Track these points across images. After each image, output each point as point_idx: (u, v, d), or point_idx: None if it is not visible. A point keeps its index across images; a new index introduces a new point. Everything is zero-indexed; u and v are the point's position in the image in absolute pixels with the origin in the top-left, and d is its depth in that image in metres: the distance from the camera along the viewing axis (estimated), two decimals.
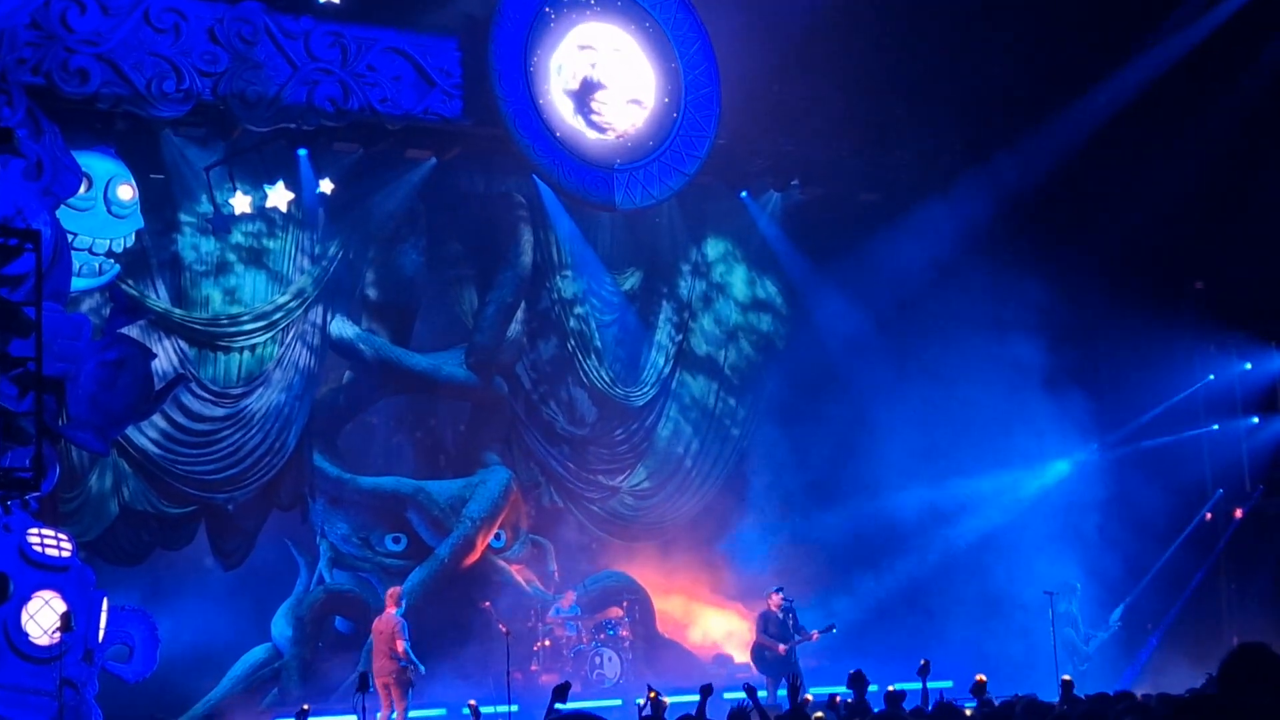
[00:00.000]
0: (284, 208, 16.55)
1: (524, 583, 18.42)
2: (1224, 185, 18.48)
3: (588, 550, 19.55)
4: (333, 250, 17.39)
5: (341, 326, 17.78)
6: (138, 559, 16.63)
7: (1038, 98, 18.59)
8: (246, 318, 16.85)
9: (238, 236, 16.88)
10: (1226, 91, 18.21)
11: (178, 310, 16.53)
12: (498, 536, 18.45)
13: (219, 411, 16.70)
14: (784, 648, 16.46)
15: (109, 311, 14.85)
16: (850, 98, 18.27)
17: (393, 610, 15.44)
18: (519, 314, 18.96)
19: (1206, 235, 18.91)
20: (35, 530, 12.69)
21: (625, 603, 18.71)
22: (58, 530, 13.06)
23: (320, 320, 17.47)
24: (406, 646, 15.12)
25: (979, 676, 11.21)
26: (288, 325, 17.10)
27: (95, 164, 14.89)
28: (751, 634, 17.19)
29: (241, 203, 16.19)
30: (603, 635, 17.78)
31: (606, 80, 16.82)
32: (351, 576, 17.81)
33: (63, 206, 13.70)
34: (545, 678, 16.69)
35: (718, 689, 13.37)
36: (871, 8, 17.70)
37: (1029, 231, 18.85)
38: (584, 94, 16.70)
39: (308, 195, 16.83)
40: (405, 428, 19.24)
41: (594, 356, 19.27)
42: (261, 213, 16.68)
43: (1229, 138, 18.04)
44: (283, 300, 17.04)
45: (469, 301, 18.97)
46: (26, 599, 12.39)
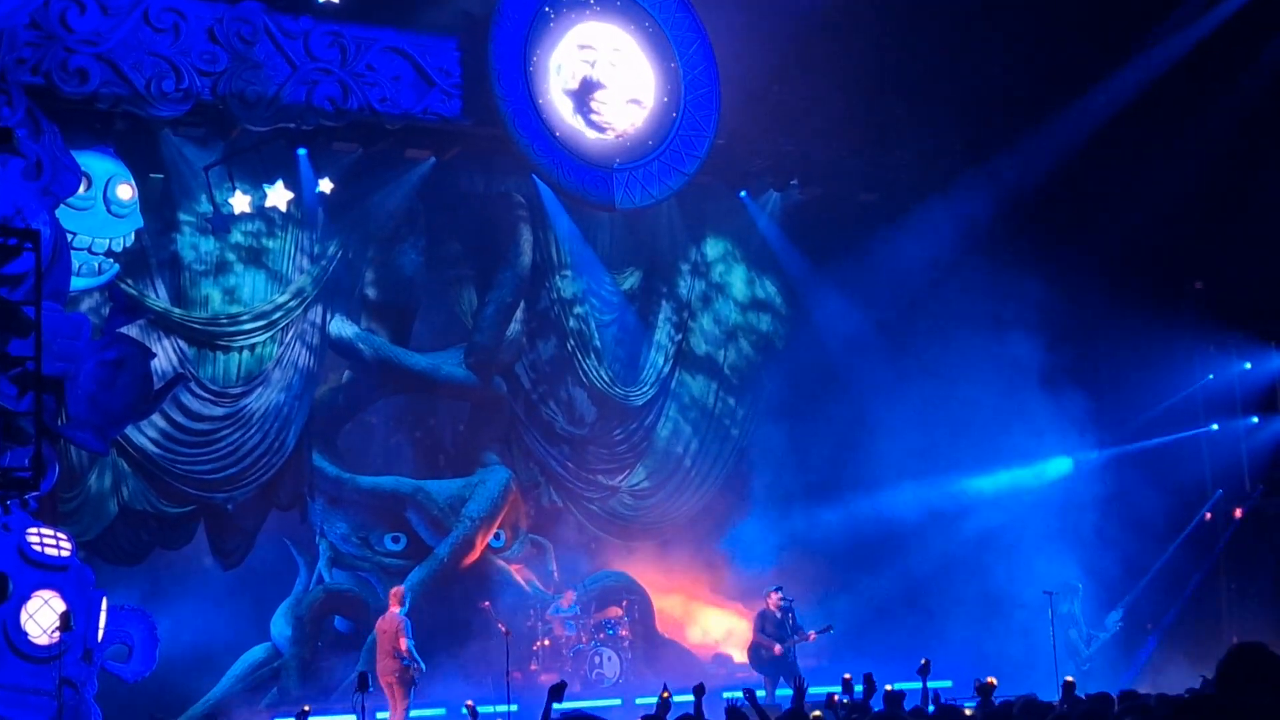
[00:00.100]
0: (283, 207, 16.54)
1: (523, 582, 18.42)
2: (1224, 185, 18.47)
3: (587, 550, 19.55)
4: (332, 250, 17.39)
5: (341, 326, 17.78)
6: (137, 558, 16.64)
7: (1038, 98, 18.58)
8: (246, 317, 16.85)
9: (237, 236, 16.88)
10: (1226, 91, 18.20)
11: (177, 310, 16.53)
12: (497, 536, 18.45)
13: (218, 411, 16.70)
14: (780, 648, 16.45)
15: (108, 311, 14.85)
16: (850, 98, 18.25)
17: (396, 609, 15.43)
18: (518, 314, 18.95)
19: (1206, 235, 18.90)
20: (34, 530, 12.67)
21: (625, 602, 18.71)
22: (57, 530, 13.04)
23: (319, 320, 17.47)
24: (410, 644, 15.12)
25: (989, 679, 11.14)
26: (287, 325, 17.10)
27: (94, 163, 14.88)
28: (750, 633, 17.19)
29: (241, 202, 16.18)
30: (602, 635, 17.78)
31: (606, 80, 16.81)
32: (351, 576, 17.80)
33: (62, 206, 13.68)
34: (544, 677, 16.67)
35: (718, 688, 13.41)
36: (871, 8, 17.70)
37: (1029, 231, 18.83)
38: (583, 94, 16.69)
39: (307, 195, 16.83)
40: (404, 427, 19.23)
41: (593, 356, 19.26)
42: (261, 212, 16.68)
43: (1229, 138, 18.02)
44: (282, 300, 17.04)
45: (468, 301, 18.97)
46: (26, 598, 12.37)
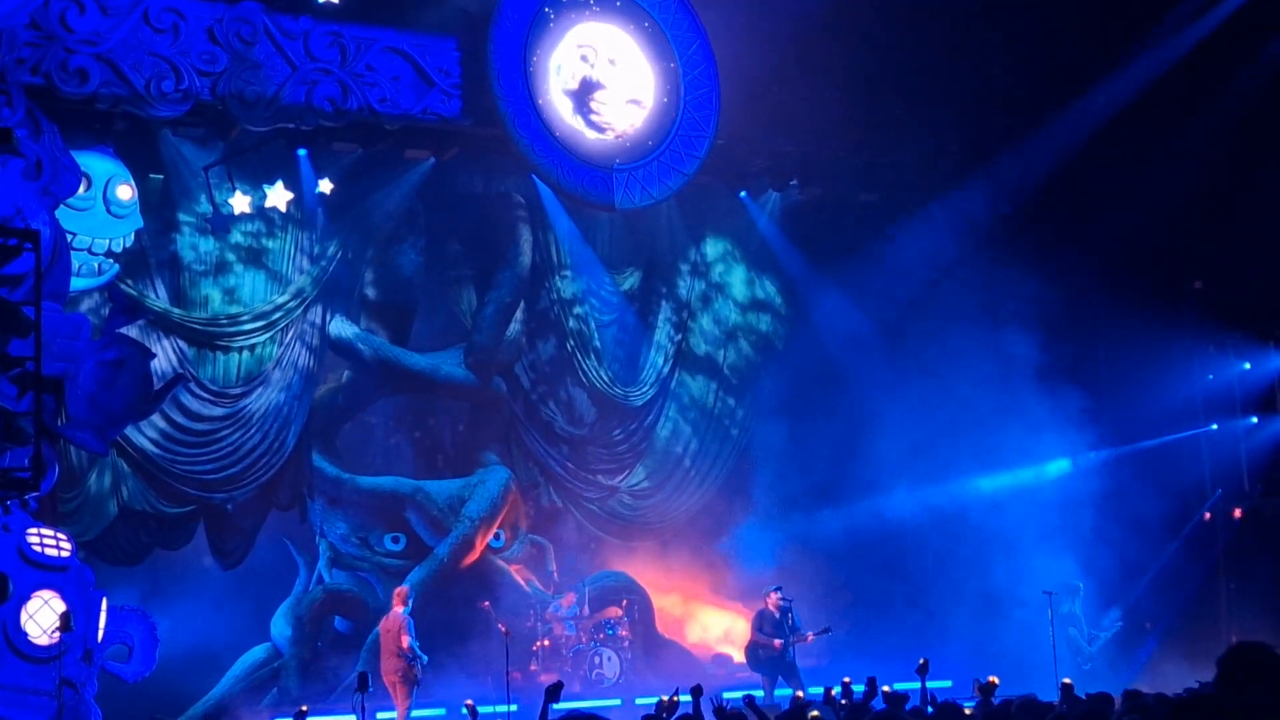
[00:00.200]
0: (283, 207, 16.54)
1: (523, 582, 18.42)
2: (1224, 185, 18.47)
3: (587, 550, 19.54)
4: (332, 250, 17.39)
5: (340, 326, 17.78)
6: (137, 559, 16.63)
7: (1038, 98, 18.57)
8: (246, 317, 16.85)
9: (237, 236, 16.88)
10: (1226, 91, 18.20)
11: (177, 310, 16.53)
12: (497, 536, 18.45)
13: (218, 411, 16.70)
14: (779, 643, 16.45)
15: (108, 311, 14.84)
16: (850, 98, 18.24)
17: (399, 609, 15.48)
18: (518, 314, 18.95)
19: (1206, 235, 18.91)
20: (34, 530, 12.68)
21: (624, 602, 18.70)
22: (57, 530, 13.04)
23: (319, 320, 17.47)
24: (412, 642, 15.15)
25: (991, 679, 11.15)
26: (287, 325, 17.10)
27: (94, 164, 14.88)
28: (750, 634, 17.18)
29: (240, 202, 16.17)
30: (602, 635, 17.77)
31: (605, 80, 16.80)
32: (351, 576, 17.80)
33: (62, 206, 13.69)
34: (544, 677, 16.64)
35: (718, 688, 13.38)
36: (871, 8, 17.69)
37: (1029, 231, 18.83)
38: (583, 94, 16.68)
39: (307, 195, 16.83)
40: (404, 427, 19.23)
41: (593, 356, 19.26)
42: (260, 212, 16.67)
43: (1229, 138, 18.02)
44: (282, 300, 17.04)
45: (468, 301, 18.96)
46: (26, 599, 12.38)
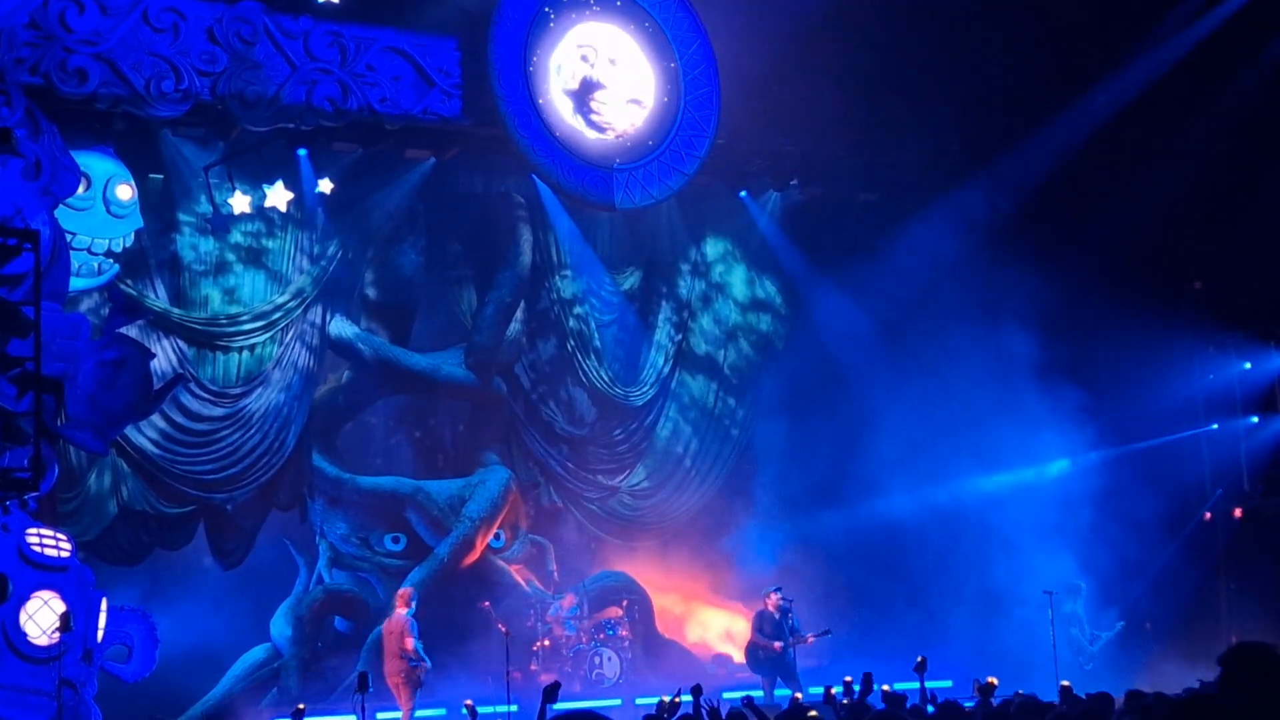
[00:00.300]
0: (283, 207, 16.53)
1: (523, 582, 18.41)
2: (1224, 185, 18.48)
3: (587, 550, 19.53)
4: (332, 250, 17.38)
5: (340, 326, 17.77)
6: (137, 559, 16.62)
7: (1038, 98, 18.57)
8: (245, 317, 16.85)
9: (237, 236, 16.87)
10: (1226, 91, 18.19)
11: (176, 310, 16.52)
12: (497, 536, 18.44)
13: (218, 411, 16.69)
14: (780, 645, 16.45)
15: (108, 311, 14.84)
16: (850, 97, 18.25)
17: (403, 610, 15.51)
18: (518, 314, 18.94)
19: (1206, 235, 18.90)
20: (34, 530, 12.67)
21: (625, 602, 18.69)
22: (56, 530, 13.04)
23: (319, 320, 17.46)
24: (416, 644, 15.17)
25: (990, 679, 11.16)
26: (287, 325, 17.09)
27: (94, 164, 14.87)
28: (750, 634, 17.18)
29: (240, 202, 16.16)
30: (602, 635, 17.76)
31: (606, 80, 16.80)
32: (351, 576, 17.79)
33: (61, 206, 13.68)
34: (544, 677, 16.63)
35: (718, 688, 13.40)
36: (871, 8, 17.72)
37: (1029, 231, 18.83)
38: (583, 94, 16.68)
39: (307, 195, 16.82)
40: (404, 428, 19.23)
41: (593, 356, 19.26)
42: (260, 212, 16.66)
43: (1229, 138, 18.02)
44: (282, 300, 17.03)
45: (468, 301, 18.96)
46: (25, 599, 12.37)
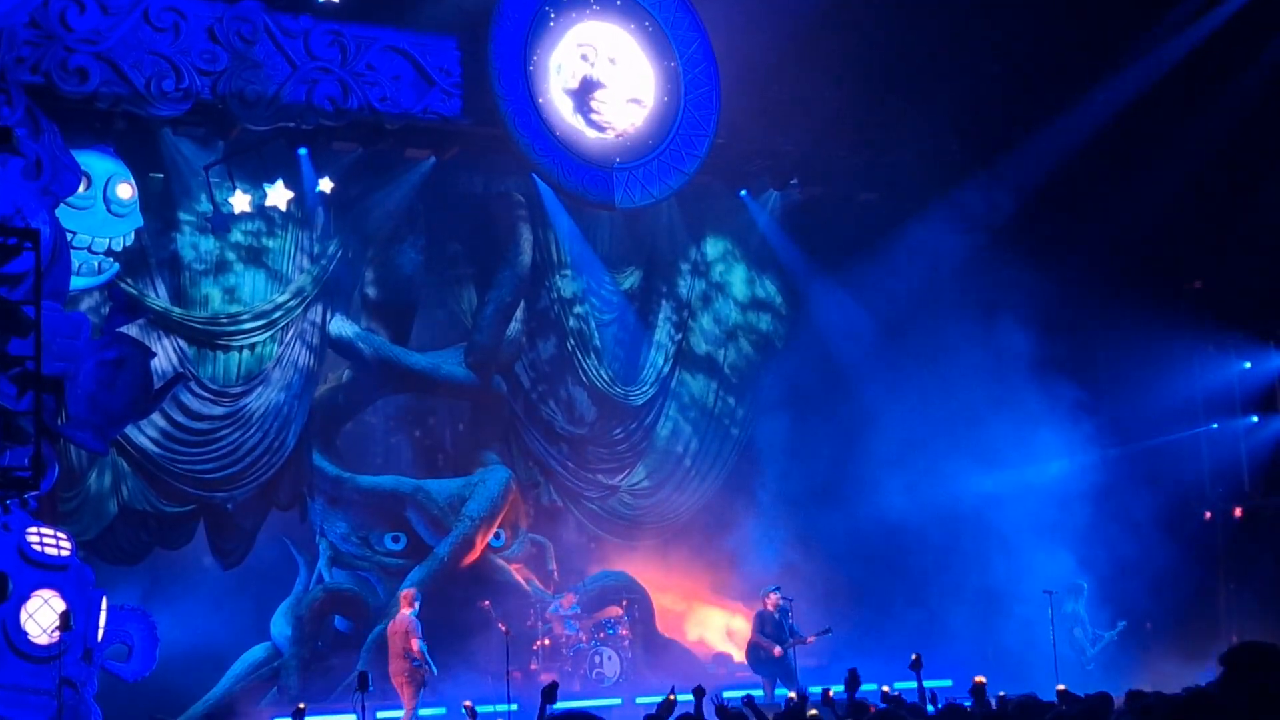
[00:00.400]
0: (283, 207, 16.54)
1: (523, 582, 18.41)
2: (1223, 185, 18.49)
3: (587, 549, 19.55)
4: (332, 249, 17.38)
5: (341, 325, 17.77)
6: (137, 558, 16.62)
7: (1038, 98, 18.58)
8: (246, 317, 16.85)
9: (237, 235, 16.87)
10: (1226, 92, 18.19)
11: (177, 309, 16.52)
12: (497, 535, 18.44)
13: (218, 410, 16.69)
14: (780, 650, 16.44)
15: (108, 310, 14.85)
16: (849, 97, 18.26)
17: (407, 611, 15.55)
18: (518, 313, 18.94)
19: (1206, 235, 18.91)
20: (34, 529, 12.68)
21: (625, 602, 18.68)
22: (57, 529, 13.05)
23: (319, 319, 17.46)
24: (421, 645, 15.20)
25: (977, 678, 11.19)
26: (287, 324, 17.09)
27: (94, 163, 14.87)
28: (750, 633, 17.17)
29: (241, 202, 16.17)
30: (602, 634, 17.76)
31: (606, 79, 16.81)
32: (351, 575, 17.79)
33: (62, 205, 13.69)
34: (544, 676, 16.64)
35: (718, 688, 13.38)
36: (871, 7, 17.72)
37: (1029, 231, 18.83)
38: (583, 93, 16.69)
39: (307, 194, 16.82)
40: (404, 427, 19.24)
41: (593, 355, 19.26)
42: (261, 212, 16.66)
43: (1229, 138, 18.03)
44: (282, 299, 17.03)
45: (468, 301, 18.97)
46: (26, 598, 12.38)
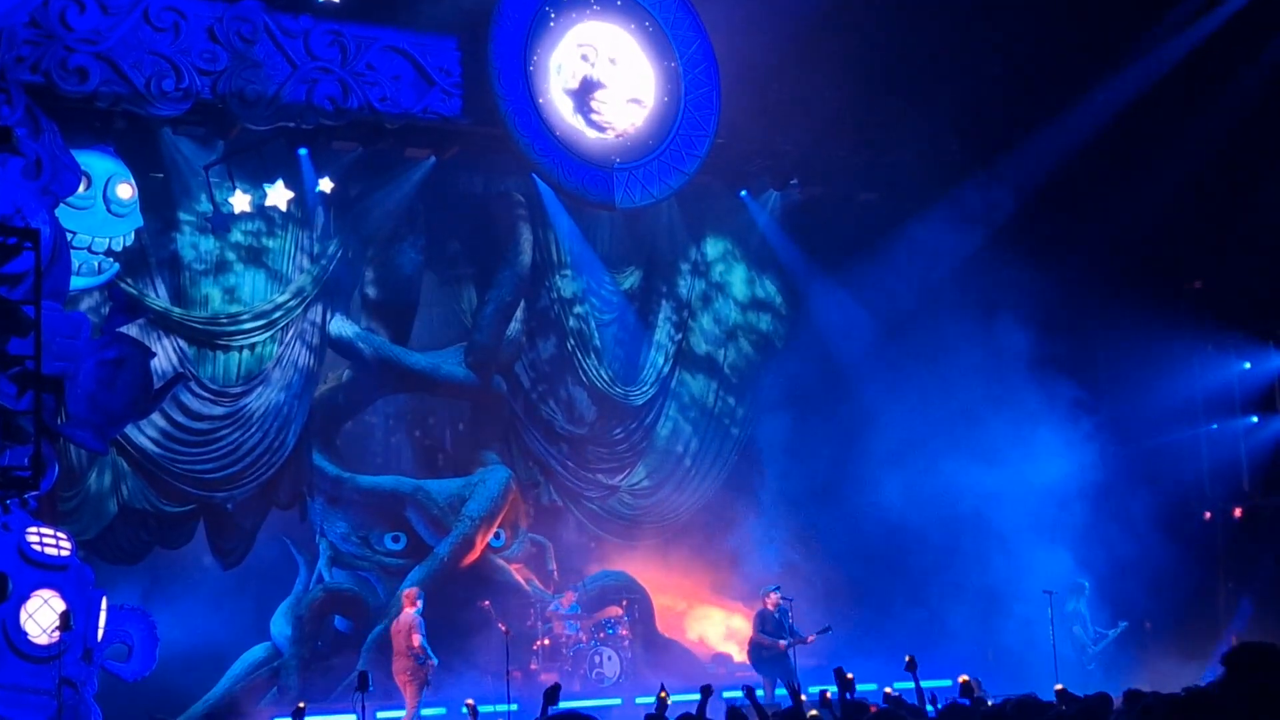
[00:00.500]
0: (283, 206, 16.54)
1: (523, 581, 18.41)
2: (1223, 185, 18.49)
3: (587, 549, 19.56)
4: (332, 249, 17.38)
5: (341, 325, 17.78)
6: (136, 558, 16.63)
7: (1038, 98, 18.58)
8: (246, 316, 16.85)
9: (237, 235, 16.87)
10: (1226, 92, 18.20)
11: (177, 309, 16.52)
12: (497, 535, 18.45)
13: (218, 410, 16.69)
14: (784, 644, 16.46)
15: (108, 310, 14.86)
16: (849, 97, 18.26)
17: (410, 610, 15.60)
18: (518, 313, 18.95)
19: (1205, 235, 18.92)
20: (34, 529, 12.67)
21: (625, 602, 18.68)
22: (56, 529, 13.05)
23: (319, 319, 17.46)
24: (423, 642, 15.21)
25: (962, 677, 11.24)
26: (287, 324, 17.09)
27: (94, 162, 14.87)
28: (750, 633, 17.17)
29: (241, 201, 16.18)
30: (602, 634, 17.76)
31: (606, 79, 16.82)
32: (351, 575, 17.80)
33: (62, 205, 13.69)
34: (545, 676, 16.67)
35: (717, 688, 13.37)
36: (871, 7, 17.72)
37: (1028, 230, 18.85)
38: (583, 93, 16.70)
39: (307, 194, 16.83)
40: (404, 427, 19.25)
41: (593, 355, 19.26)
42: (261, 211, 16.67)
43: (1229, 138, 18.03)
44: (282, 299, 17.03)
45: (468, 300, 18.98)
46: (25, 598, 12.38)
